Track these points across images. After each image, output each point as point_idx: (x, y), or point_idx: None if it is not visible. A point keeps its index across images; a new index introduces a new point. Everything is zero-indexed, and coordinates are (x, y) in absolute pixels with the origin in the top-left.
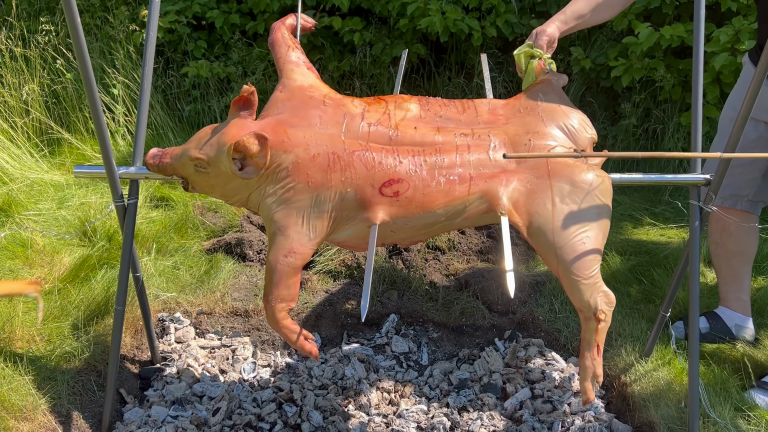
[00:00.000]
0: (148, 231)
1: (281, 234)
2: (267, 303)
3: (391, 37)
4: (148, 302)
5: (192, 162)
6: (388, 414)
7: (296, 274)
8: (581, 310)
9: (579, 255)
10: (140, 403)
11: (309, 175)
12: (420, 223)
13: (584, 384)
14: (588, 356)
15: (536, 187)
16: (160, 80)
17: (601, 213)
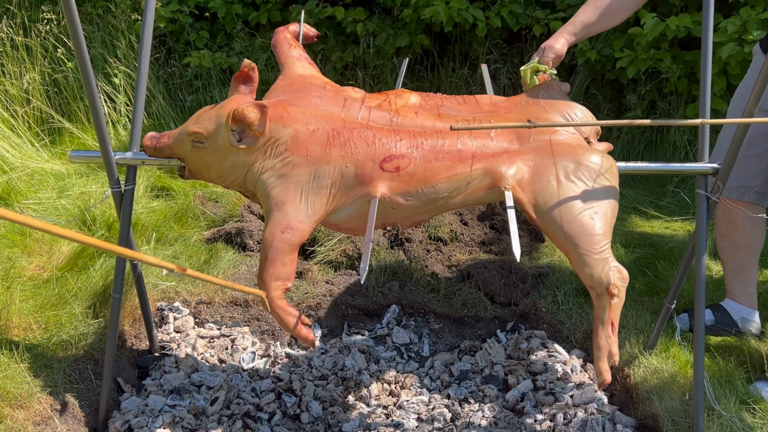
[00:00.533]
0: (147, 220)
1: (278, 209)
2: (261, 282)
3: (394, 27)
4: (146, 290)
5: (189, 138)
6: (388, 405)
7: (293, 252)
8: (592, 286)
9: (587, 230)
10: (137, 392)
11: (308, 150)
12: (422, 199)
13: (599, 364)
14: (602, 334)
15: (540, 166)
16: (162, 70)
17: (609, 193)
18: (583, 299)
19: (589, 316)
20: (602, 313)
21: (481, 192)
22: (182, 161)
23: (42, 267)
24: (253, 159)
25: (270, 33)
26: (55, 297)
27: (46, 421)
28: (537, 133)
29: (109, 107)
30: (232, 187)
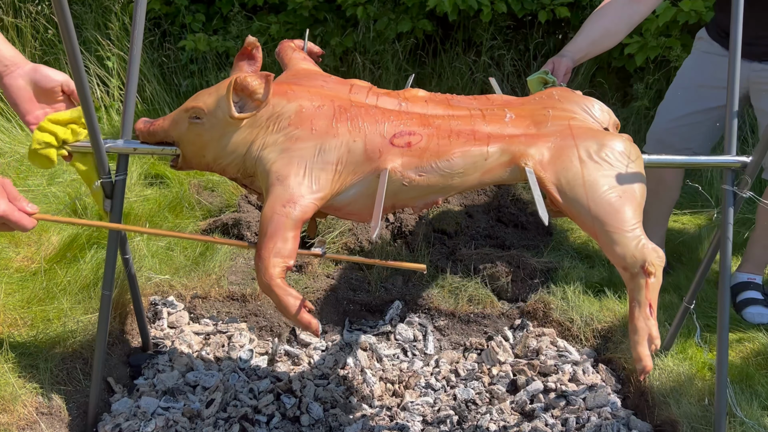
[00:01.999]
0: (141, 210)
1: (279, 184)
2: (259, 258)
3: (396, 11)
4: (138, 285)
5: (187, 114)
6: (392, 406)
7: (296, 228)
8: (625, 266)
9: (615, 207)
10: (129, 392)
11: (313, 123)
12: (436, 174)
13: (639, 349)
14: (639, 317)
15: (561, 147)
16: (156, 54)
17: (636, 176)
18: (594, 295)
19: (600, 314)
20: (638, 294)
21: (499, 170)
22: (177, 145)
23: (30, 258)
24: (253, 135)
25: (268, 16)
26: (42, 291)
27: (31, 426)
28: (555, 119)
29: (102, 91)
30: (230, 171)
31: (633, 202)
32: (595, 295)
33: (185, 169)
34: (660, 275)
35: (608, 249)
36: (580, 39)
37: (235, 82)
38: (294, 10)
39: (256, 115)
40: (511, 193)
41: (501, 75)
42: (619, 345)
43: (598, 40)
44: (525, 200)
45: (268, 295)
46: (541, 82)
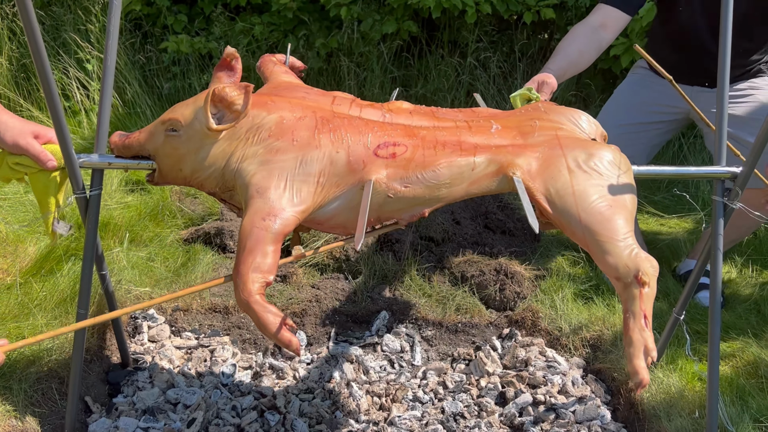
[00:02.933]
0: (121, 218)
1: (259, 197)
2: (237, 274)
3: (381, 12)
4: (116, 302)
5: (163, 126)
6: (379, 421)
7: (276, 242)
8: (618, 277)
9: (606, 216)
10: (108, 412)
11: (294, 135)
12: (421, 185)
13: (635, 362)
14: (634, 328)
15: (549, 157)
16: (137, 56)
17: (626, 187)
18: (582, 303)
19: (589, 322)
20: (632, 304)
21: (486, 180)
22: (153, 158)
23: (5, 271)
24: (232, 148)
25: (251, 17)
26: (17, 306)
27: None
28: (542, 130)
29: (82, 95)
30: (208, 185)
31: (624, 211)
32: (584, 303)
33: (161, 183)
34: (654, 285)
35: (600, 259)
36: (558, 58)
37: (213, 93)
38: (278, 11)
39: (235, 127)
40: (498, 199)
41: (487, 77)
42: (609, 355)
43: (575, 60)
44: (513, 206)
45: (247, 313)
46: (524, 99)
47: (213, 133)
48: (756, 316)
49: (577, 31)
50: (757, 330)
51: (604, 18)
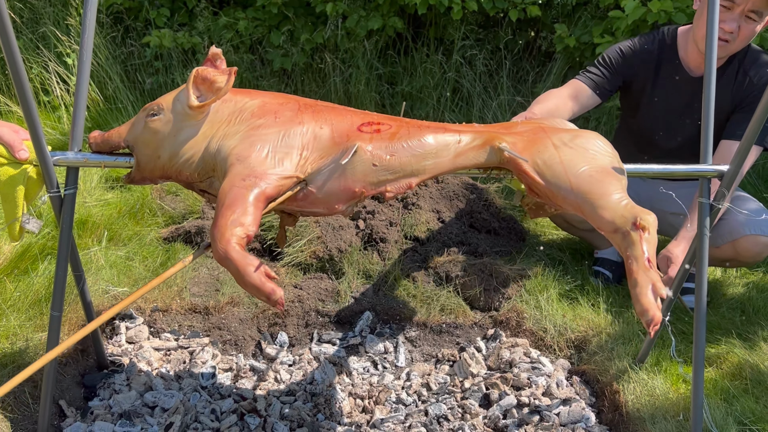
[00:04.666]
0: (99, 216)
1: (240, 163)
2: (215, 227)
3: (366, 8)
4: (91, 303)
5: (144, 113)
6: (361, 424)
7: (257, 201)
8: (616, 228)
9: (597, 178)
10: (83, 416)
11: (277, 113)
12: (407, 154)
13: (643, 301)
14: (638, 270)
15: (535, 138)
16: (119, 50)
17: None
18: (567, 303)
19: (574, 323)
20: (633, 249)
21: (473, 152)
22: (131, 150)
23: None
24: (213, 130)
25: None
26: None
27: None
28: (525, 125)
29: (62, 90)
30: (186, 171)
31: (614, 176)
32: (569, 303)
33: (137, 179)
34: (654, 233)
35: (596, 218)
36: (536, 108)
37: (196, 73)
38: (263, 6)
39: (217, 111)
40: (483, 198)
41: (473, 74)
42: (594, 356)
43: (552, 110)
44: (498, 206)
45: (224, 265)
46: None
47: (194, 113)
48: (740, 316)
49: (552, 94)
50: (742, 330)
51: (576, 92)
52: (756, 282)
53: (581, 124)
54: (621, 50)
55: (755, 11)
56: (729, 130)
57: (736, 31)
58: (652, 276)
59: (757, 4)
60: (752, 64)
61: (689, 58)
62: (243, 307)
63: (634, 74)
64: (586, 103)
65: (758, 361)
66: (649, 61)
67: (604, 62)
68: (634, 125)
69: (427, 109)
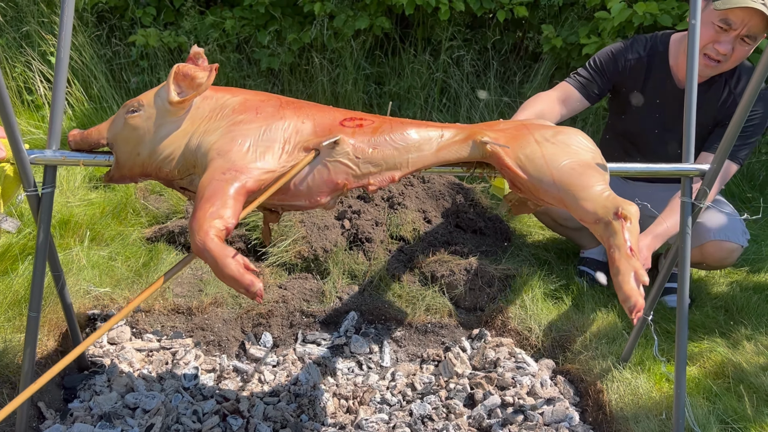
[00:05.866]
0: (82, 216)
1: (220, 157)
2: (193, 219)
3: (354, 8)
4: (71, 303)
5: (125, 110)
6: (345, 424)
7: (237, 195)
8: (598, 219)
9: (579, 171)
10: (62, 418)
11: (258, 109)
12: (390, 148)
13: (625, 288)
14: (621, 259)
15: (517, 134)
16: (104, 49)
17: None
18: (552, 303)
19: (558, 322)
20: (615, 238)
21: (456, 145)
22: (111, 148)
23: None
24: (194, 127)
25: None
26: None
27: None
28: (507, 123)
29: (46, 88)
30: (166, 167)
31: (596, 170)
32: (554, 303)
33: (117, 177)
34: (636, 223)
35: (578, 209)
36: (523, 114)
37: (177, 69)
38: (250, 5)
39: (198, 108)
40: (469, 198)
41: (460, 74)
42: (578, 355)
43: (539, 115)
44: (484, 206)
45: (202, 257)
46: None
47: (175, 109)
48: (724, 315)
49: (540, 97)
50: (725, 329)
51: (565, 95)
52: (740, 281)
53: (568, 123)
54: (612, 54)
55: (750, 36)
56: (709, 142)
57: (729, 53)
58: (634, 264)
59: (754, 30)
60: (738, 81)
61: (679, 67)
62: (227, 308)
63: (623, 79)
64: (574, 106)
65: (741, 360)
66: (639, 67)
67: (594, 66)
68: (621, 128)
69: (415, 109)
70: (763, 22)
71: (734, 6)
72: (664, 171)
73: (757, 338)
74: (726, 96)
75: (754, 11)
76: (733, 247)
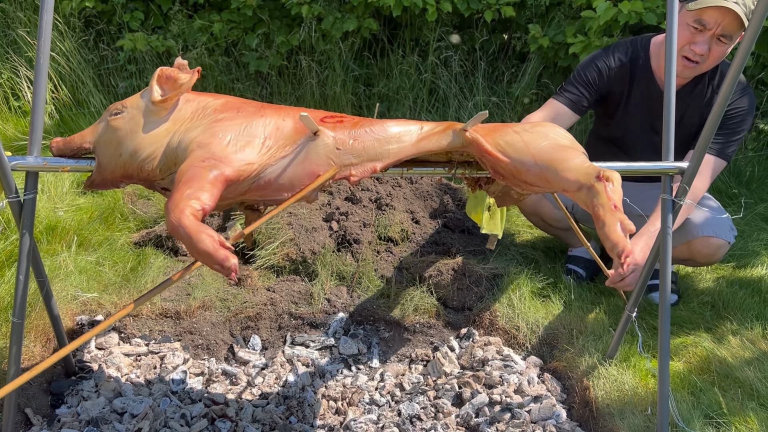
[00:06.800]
0: (70, 222)
1: (200, 148)
2: (170, 201)
3: (342, 10)
4: (56, 308)
5: (108, 113)
6: (334, 426)
7: (216, 182)
8: (581, 185)
9: (558, 149)
10: (50, 424)
11: (240, 109)
12: (371, 139)
13: (613, 236)
14: (606, 214)
15: (496, 126)
16: (91, 54)
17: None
18: (540, 302)
19: (546, 321)
20: (599, 198)
21: (436, 135)
22: (93, 151)
23: None
24: (176, 127)
25: (210, 14)
26: None
27: None
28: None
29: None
30: (147, 167)
31: (574, 149)
32: (542, 301)
33: (98, 181)
34: (619, 187)
35: (561, 180)
36: None
37: (160, 71)
38: (237, 8)
39: (180, 110)
40: (457, 198)
41: (448, 75)
42: (565, 353)
43: None
44: None
45: (176, 235)
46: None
47: (157, 108)
48: (710, 311)
49: (531, 118)
50: (711, 325)
51: (554, 113)
52: (726, 277)
53: None
54: (596, 65)
55: (725, 35)
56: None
57: (706, 53)
58: (619, 216)
59: (728, 29)
60: (721, 80)
61: (661, 70)
62: (215, 311)
63: (609, 88)
64: (564, 123)
65: (726, 355)
66: (623, 74)
67: (581, 79)
68: (606, 133)
69: (404, 110)
70: (737, 21)
71: (706, 6)
72: (644, 170)
73: (742, 333)
74: (710, 95)
75: (727, 10)
76: (721, 243)
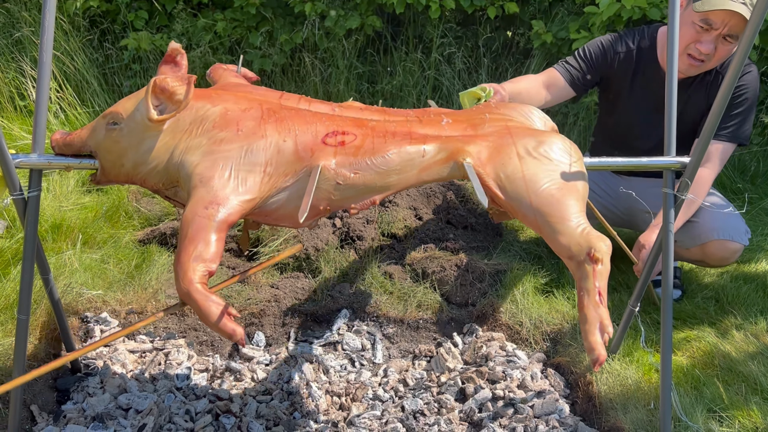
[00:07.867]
0: (75, 220)
1: (202, 186)
2: (177, 263)
3: (345, 8)
4: (61, 306)
5: (104, 120)
6: (338, 421)
7: (219, 231)
8: (571, 256)
9: (557, 198)
10: (55, 420)
11: (239, 125)
12: (371, 172)
13: (591, 339)
14: (589, 305)
15: (499, 145)
16: (96, 54)
17: (577, 174)
18: (543, 297)
19: (549, 316)
20: (586, 281)
21: (437, 166)
22: (95, 155)
23: None
24: (176, 140)
25: (213, 13)
26: None
27: None
28: (492, 122)
29: None
30: (151, 181)
31: (575, 194)
32: (545, 297)
33: (104, 182)
34: (608, 263)
35: (552, 240)
36: (508, 86)
37: (154, 84)
38: (240, 6)
39: (178, 120)
40: (460, 194)
41: (452, 72)
42: (568, 348)
43: (523, 92)
44: (474, 201)
45: (188, 303)
46: (473, 98)
47: (154, 125)
48: (714, 305)
49: (527, 77)
50: (715, 319)
51: (551, 81)
52: (730, 271)
53: (560, 120)
54: (602, 45)
55: (732, 35)
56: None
57: (712, 53)
58: (601, 312)
59: (735, 29)
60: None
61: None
62: None
63: (612, 72)
64: (559, 94)
65: (729, 350)
66: (628, 60)
67: (583, 55)
68: (611, 124)
69: (407, 107)
70: (744, 21)
71: (713, 8)
72: (646, 164)
73: (746, 327)
74: (715, 80)
75: (734, 11)
76: (737, 247)
